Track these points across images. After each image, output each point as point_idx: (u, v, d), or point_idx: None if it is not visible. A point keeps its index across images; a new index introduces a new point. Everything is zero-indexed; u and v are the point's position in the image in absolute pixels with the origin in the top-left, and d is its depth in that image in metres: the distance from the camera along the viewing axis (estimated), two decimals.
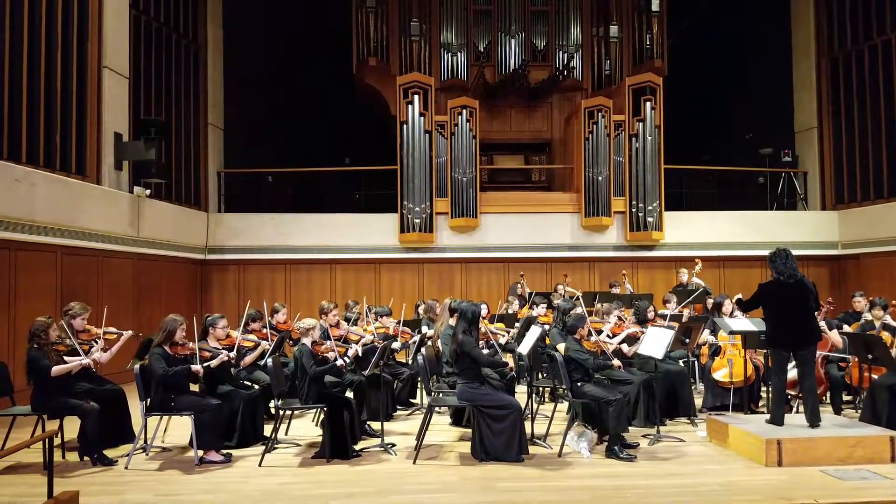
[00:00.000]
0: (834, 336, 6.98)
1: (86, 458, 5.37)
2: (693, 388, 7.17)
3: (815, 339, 5.58)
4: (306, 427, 6.64)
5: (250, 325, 6.87)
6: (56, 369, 5.32)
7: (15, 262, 7.71)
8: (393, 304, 9.18)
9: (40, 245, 8.06)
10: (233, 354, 5.87)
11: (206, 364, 5.55)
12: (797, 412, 6.39)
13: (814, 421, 5.46)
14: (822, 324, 7.00)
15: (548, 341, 6.61)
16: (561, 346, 5.94)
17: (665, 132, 12.22)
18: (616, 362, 6.05)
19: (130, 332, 5.94)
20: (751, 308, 5.86)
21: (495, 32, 13.78)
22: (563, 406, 6.60)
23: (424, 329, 7.83)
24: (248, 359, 6.34)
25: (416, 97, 12.00)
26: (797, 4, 13.54)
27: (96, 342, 5.70)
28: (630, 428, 6.05)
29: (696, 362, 7.98)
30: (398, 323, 7.63)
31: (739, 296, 6.14)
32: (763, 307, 5.72)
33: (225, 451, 5.47)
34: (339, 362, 5.72)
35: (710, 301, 8.76)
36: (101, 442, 5.43)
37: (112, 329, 5.96)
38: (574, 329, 5.85)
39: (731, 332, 6.68)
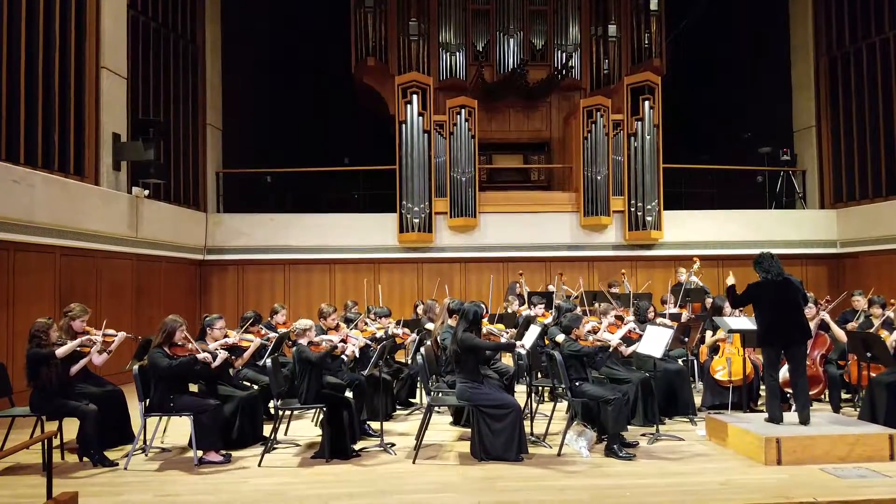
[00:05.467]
0: (837, 332, 7.00)
1: (85, 458, 5.37)
2: (692, 386, 7.17)
3: (804, 337, 5.63)
4: (305, 427, 6.64)
5: (250, 329, 6.85)
6: (60, 350, 5.33)
7: (13, 264, 7.71)
8: (386, 304, 9.18)
9: (39, 246, 8.06)
10: (231, 342, 5.88)
11: (212, 356, 5.56)
12: (795, 411, 6.39)
13: (805, 418, 5.48)
14: (826, 317, 7.04)
15: (546, 342, 6.61)
16: (559, 337, 5.94)
17: (664, 131, 12.23)
18: (614, 342, 6.05)
19: (124, 333, 5.93)
20: (740, 304, 5.95)
21: (494, 32, 13.78)
22: (563, 405, 6.60)
23: (428, 325, 7.84)
24: (246, 354, 6.32)
25: (414, 97, 12.00)
26: (796, 3, 13.54)
27: (95, 343, 5.70)
28: (629, 427, 6.04)
29: (695, 361, 7.99)
30: (397, 323, 7.63)
31: (731, 282, 6.12)
32: (753, 307, 5.77)
33: (224, 452, 5.47)
34: (340, 346, 5.73)
35: (708, 300, 8.77)
36: (101, 443, 5.43)
37: (111, 331, 5.95)
38: (569, 329, 5.86)
39: (730, 331, 6.70)
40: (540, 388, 7.43)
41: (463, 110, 12.10)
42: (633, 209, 12.10)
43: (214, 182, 12.57)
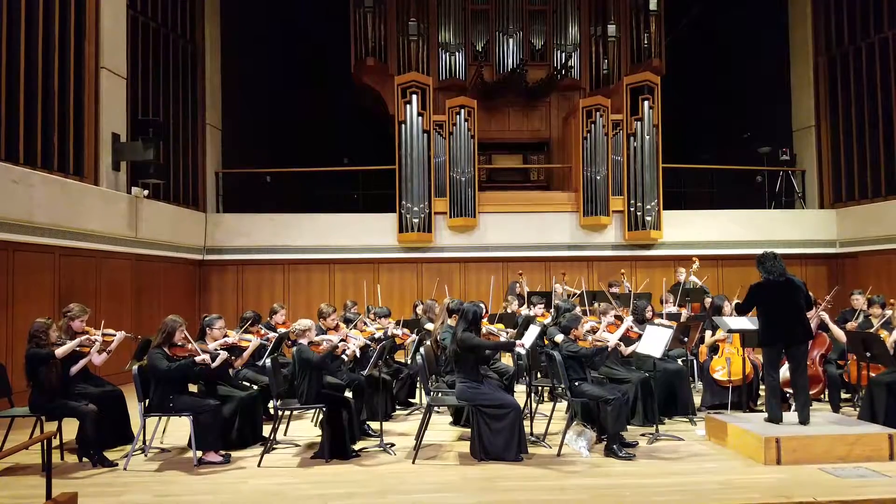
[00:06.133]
0: (837, 331, 7.00)
1: (85, 459, 5.37)
2: (692, 386, 7.17)
3: (806, 337, 5.64)
4: (305, 427, 6.64)
5: (249, 329, 6.85)
6: (59, 351, 5.33)
7: (13, 264, 7.70)
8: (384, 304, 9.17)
9: (38, 246, 8.05)
10: (231, 342, 5.89)
11: (210, 357, 5.56)
12: (795, 410, 6.39)
13: (804, 418, 5.48)
14: (825, 316, 7.04)
15: (546, 342, 6.61)
16: (558, 337, 5.94)
17: (663, 131, 12.23)
18: (612, 343, 6.05)
19: (123, 332, 5.93)
20: (747, 310, 5.92)
21: (493, 32, 13.78)
22: (562, 405, 6.60)
23: (428, 325, 7.84)
24: (245, 354, 6.32)
25: (414, 97, 12.00)
26: (795, 3, 13.54)
27: (95, 343, 5.70)
28: (629, 427, 6.05)
29: (694, 361, 7.99)
30: (397, 324, 7.62)
31: (738, 301, 6.19)
32: (756, 307, 5.77)
33: (224, 452, 5.47)
34: (340, 345, 5.74)
35: (707, 300, 8.77)
36: (101, 443, 5.42)
37: (110, 331, 5.95)
38: (567, 329, 5.86)
39: (730, 331, 6.70)
40: (539, 387, 7.43)
41: (462, 110, 12.10)
42: (632, 209, 12.10)
43: (214, 182, 12.57)
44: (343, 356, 5.95)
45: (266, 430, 5.97)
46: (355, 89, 13.97)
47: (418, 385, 7.50)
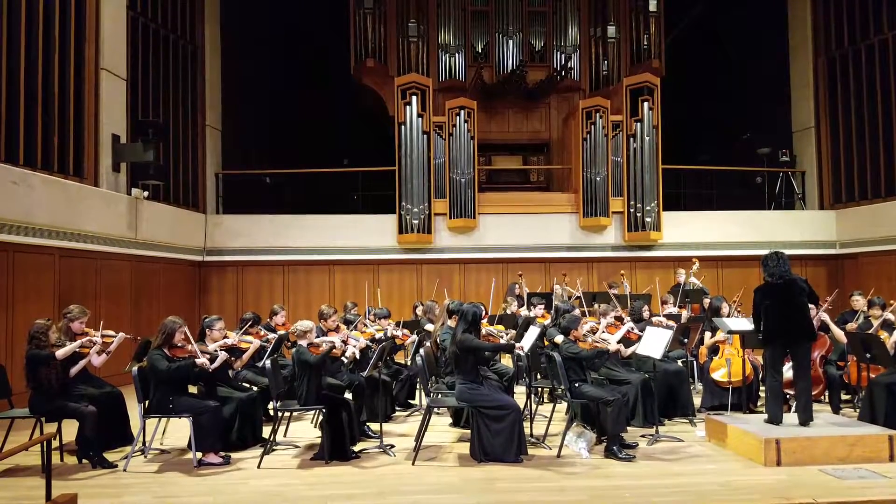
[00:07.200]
0: (837, 332, 7.00)
1: (84, 460, 5.37)
2: (691, 387, 7.17)
3: (809, 337, 5.63)
4: (305, 429, 6.63)
5: (249, 330, 6.85)
6: (60, 352, 5.33)
7: (13, 265, 7.70)
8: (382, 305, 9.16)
9: (38, 247, 8.05)
10: (231, 343, 5.90)
11: (209, 360, 5.56)
12: (795, 411, 6.39)
13: (806, 419, 5.48)
14: (825, 317, 7.04)
15: (546, 343, 6.61)
16: (557, 338, 5.93)
17: (663, 132, 12.23)
18: (613, 347, 6.04)
19: (123, 334, 5.92)
20: (756, 316, 5.83)
21: (493, 33, 13.79)
22: (562, 406, 6.60)
23: (428, 326, 7.84)
24: (245, 355, 6.32)
25: (414, 98, 12.00)
26: (795, 4, 13.55)
27: (94, 344, 5.70)
28: (629, 428, 6.05)
29: (694, 362, 7.98)
30: (397, 325, 7.62)
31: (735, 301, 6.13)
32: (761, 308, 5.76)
33: (223, 453, 5.46)
34: (339, 346, 5.74)
35: (706, 301, 8.77)
36: (101, 444, 5.42)
37: (110, 332, 5.95)
38: (567, 331, 5.86)
39: (730, 332, 6.70)
40: (539, 389, 7.42)
41: (462, 111, 12.11)
42: (632, 210, 12.10)
43: (214, 183, 12.57)
44: (343, 358, 5.95)
45: (266, 431, 5.97)
46: (355, 90, 13.98)
47: (418, 386, 7.50)
